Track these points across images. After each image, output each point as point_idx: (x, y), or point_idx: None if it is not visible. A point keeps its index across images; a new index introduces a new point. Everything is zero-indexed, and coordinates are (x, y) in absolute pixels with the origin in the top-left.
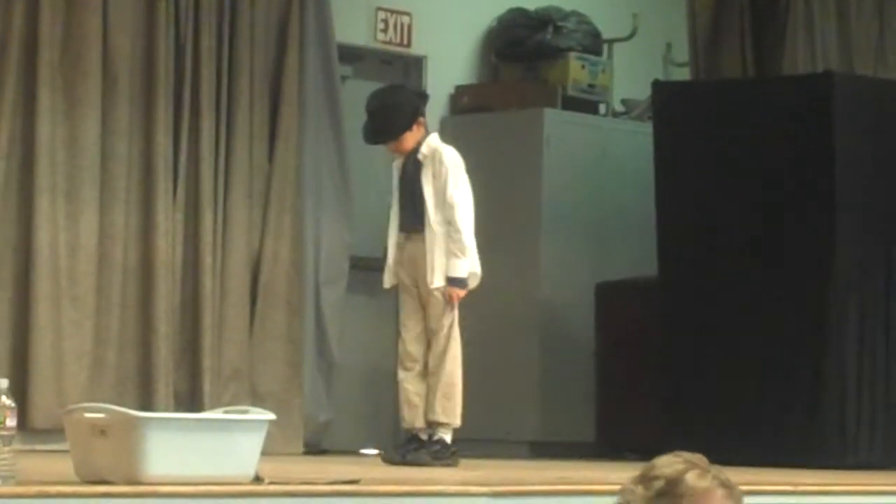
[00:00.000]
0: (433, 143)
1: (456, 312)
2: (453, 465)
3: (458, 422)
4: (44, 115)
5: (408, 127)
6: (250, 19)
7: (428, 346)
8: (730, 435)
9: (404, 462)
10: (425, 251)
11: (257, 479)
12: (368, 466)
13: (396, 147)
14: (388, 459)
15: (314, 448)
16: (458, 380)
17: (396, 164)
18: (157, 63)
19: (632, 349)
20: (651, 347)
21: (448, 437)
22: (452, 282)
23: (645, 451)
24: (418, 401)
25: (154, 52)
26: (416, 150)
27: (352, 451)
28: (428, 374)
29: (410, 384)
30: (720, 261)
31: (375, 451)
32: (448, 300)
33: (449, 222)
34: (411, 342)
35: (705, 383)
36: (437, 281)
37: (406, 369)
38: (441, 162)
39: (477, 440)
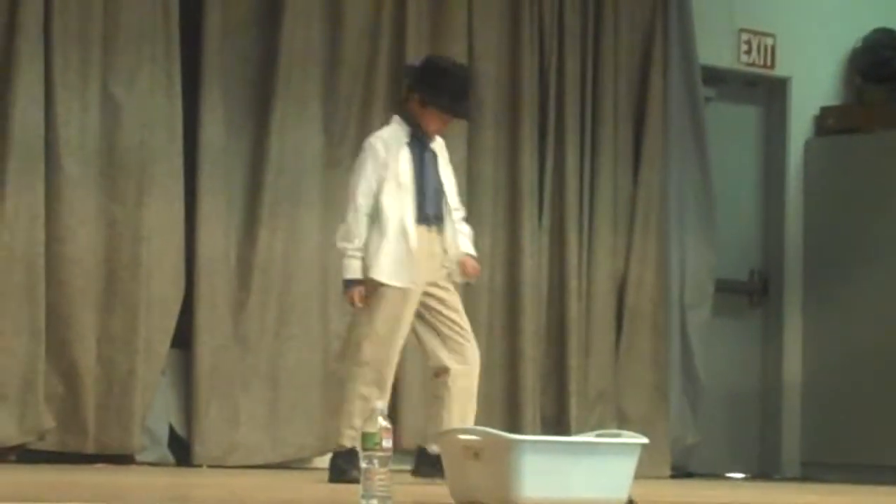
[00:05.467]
0: None
1: None
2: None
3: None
4: None
5: None
6: (614, 41)
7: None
8: None
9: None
10: (446, 245)
11: (630, 503)
12: (736, 490)
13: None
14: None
15: (681, 471)
16: None
17: (404, 154)
18: (522, 86)
19: None
20: None
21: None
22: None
23: None
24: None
25: (519, 76)
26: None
27: (717, 475)
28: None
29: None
30: None
31: (742, 475)
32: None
33: (458, 210)
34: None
35: None
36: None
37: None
38: (444, 148)
39: (844, 465)
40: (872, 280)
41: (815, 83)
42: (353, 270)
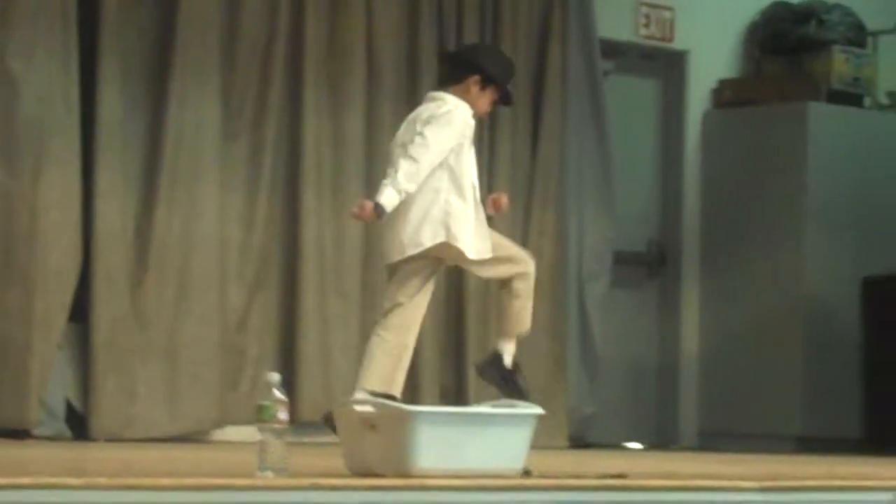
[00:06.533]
0: None
1: None
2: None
3: None
4: (309, 114)
5: None
6: (512, 16)
7: None
8: None
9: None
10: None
11: (526, 473)
12: (634, 460)
13: None
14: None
15: (578, 441)
16: None
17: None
18: (421, 60)
19: None
20: None
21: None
22: None
23: None
24: None
25: (417, 49)
26: None
27: (615, 445)
28: None
29: None
30: None
31: (640, 445)
32: None
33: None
34: None
35: None
36: None
37: None
38: None
39: (741, 435)
40: (768, 251)
41: (713, 56)
42: (393, 203)
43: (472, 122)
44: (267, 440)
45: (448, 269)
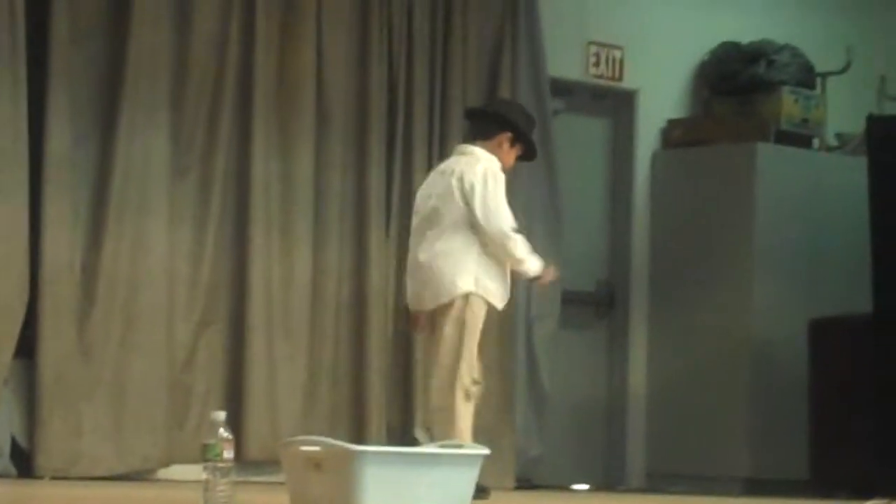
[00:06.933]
0: None
1: None
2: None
3: None
4: (259, 151)
5: None
6: (462, 53)
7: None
8: None
9: None
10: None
11: None
12: (581, 501)
13: None
14: None
15: (525, 483)
16: None
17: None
18: (370, 98)
19: (846, 386)
20: (866, 385)
21: None
22: None
23: (859, 489)
24: None
25: (367, 87)
26: None
27: (562, 486)
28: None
29: None
30: None
31: (587, 487)
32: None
33: None
34: None
35: None
36: None
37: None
38: None
39: (689, 476)
40: (716, 292)
41: (662, 96)
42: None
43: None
44: (212, 479)
45: (397, 308)
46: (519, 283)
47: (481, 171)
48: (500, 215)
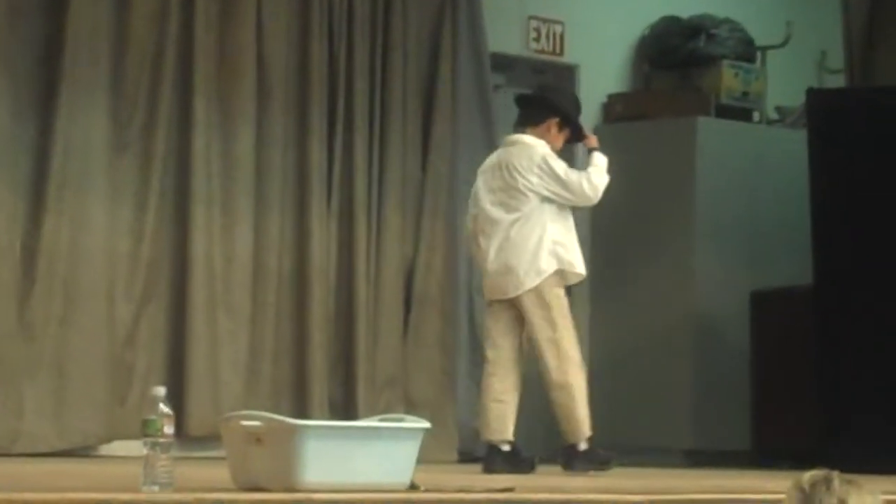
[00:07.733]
0: None
1: None
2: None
3: None
4: (199, 127)
5: None
6: (403, 30)
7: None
8: (886, 444)
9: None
10: None
11: (413, 487)
12: (522, 474)
13: None
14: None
15: (468, 456)
16: None
17: None
18: (311, 74)
19: (787, 357)
20: (807, 356)
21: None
22: None
23: (800, 460)
24: None
25: (308, 63)
26: None
27: None
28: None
29: None
30: (876, 269)
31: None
32: None
33: None
34: None
35: (860, 392)
36: None
37: None
38: None
39: (631, 448)
40: (658, 265)
41: (603, 70)
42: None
43: None
44: (152, 454)
45: (338, 284)
46: (460, 257)
47: (539, 157)
48: (574, 182)
